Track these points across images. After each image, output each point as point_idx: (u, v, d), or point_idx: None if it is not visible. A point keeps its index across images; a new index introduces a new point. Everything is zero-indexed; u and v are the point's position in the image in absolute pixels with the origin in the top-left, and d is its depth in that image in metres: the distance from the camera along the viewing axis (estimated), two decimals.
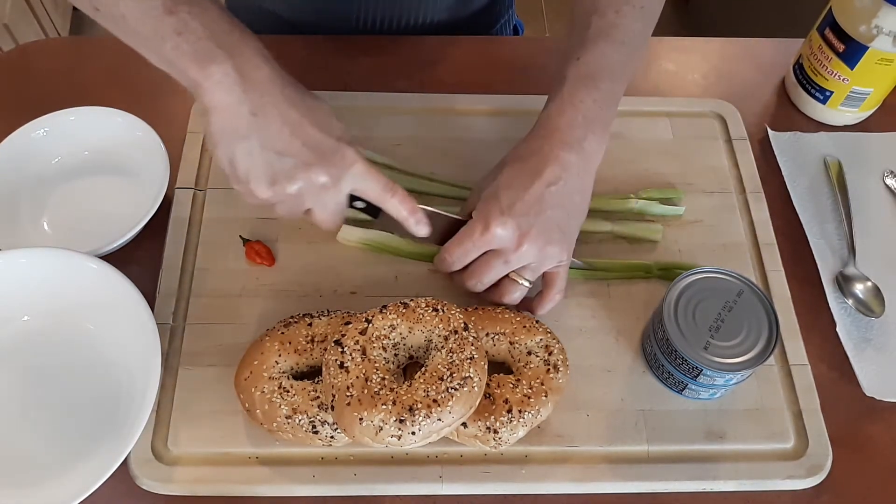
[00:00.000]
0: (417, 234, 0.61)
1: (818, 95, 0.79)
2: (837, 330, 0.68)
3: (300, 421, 0.56)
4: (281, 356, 0.59)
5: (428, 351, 0.58)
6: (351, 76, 0.81)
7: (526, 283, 0.62)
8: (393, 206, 0.59)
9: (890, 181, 0.77)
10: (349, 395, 0.53)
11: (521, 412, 0.56)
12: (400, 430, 0.52)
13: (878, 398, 0.64)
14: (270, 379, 0.58)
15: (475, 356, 0.56)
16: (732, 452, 0.61)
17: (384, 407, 0.52)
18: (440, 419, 0.53)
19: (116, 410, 0.59)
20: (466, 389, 0.54)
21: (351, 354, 0.55)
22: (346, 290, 0.67)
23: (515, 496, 0.59)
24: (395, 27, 0.88)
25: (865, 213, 0.75)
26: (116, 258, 0.63)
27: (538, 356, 0.60)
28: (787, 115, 0.82)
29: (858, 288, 0.69)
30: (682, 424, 0.62)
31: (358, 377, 0.54)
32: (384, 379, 0.54)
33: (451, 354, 0.55)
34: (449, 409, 0.53)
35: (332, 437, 0.56)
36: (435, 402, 0.53)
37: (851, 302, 0.69)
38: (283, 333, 0.60)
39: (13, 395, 0.60)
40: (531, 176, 0.59)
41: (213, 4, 0.51)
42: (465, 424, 0.56)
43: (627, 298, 0.68)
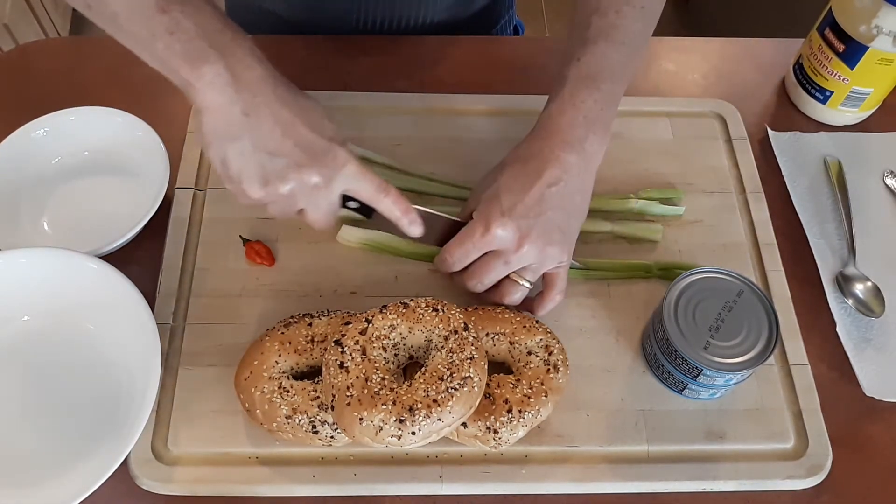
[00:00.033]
0: (411, 234, 0.61)
1: (818, 95, 0.79)
2: (837, 330, 0.68)
3: (300, 421, 0.56)
4: (281, 356, 0.59)
5: (428, 351, 0.57)
6: (351, 76, 0.81)
7: (526, 283, 0.62)
8: (386, 206, 0.59)
9: (890, 181, 0.77)
10: (349, 395, 0.53)
11: (521, 412, 0.56)
12: (400, 430, 0.52)
13: (878, 398, 0.64)
14: (270, 379, 0.58)
15: (475, 356, 0.56)
16: (732, 452, 0.61)
17: (384, 407, 0.52)
18: (440, 419, 0.53)
19: (116, 410, 0.59)
20: (466, 389, 0.54)
21: (351, 354, 0.55)
22: (346, 290, 0.67)
23: (515, 496, 0.59)
24: (394, 27, 0.88)
25: (865, 213, 0.75)
26: (116, 258, 0.63)
27: (538, 356, 0.60)
28: (787, 115, 0.82)
29: (858, 288, 0.69)
30: (682, 424, 0.62)
31: (358, 377, 0.54)
32: (384, 379, 0.54)
33: (451, 354, 0.55)
34: (449, 409, 0.53)
35: (332, 437, 0.56)
36: (435, 402, 0.53)
37: (851, 302, 0.69)
38: (283, 333, 0.60)
39: (13, 395, 0.61)
40: (532, 177, 0.59)
41: (205, 4, 0.51)
42: (465, 424, 0.56)
43: (627, 298, 0.68)
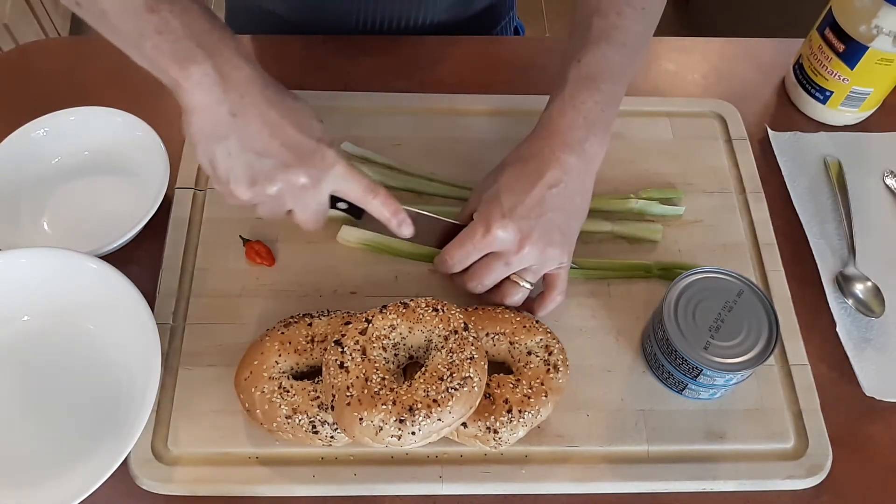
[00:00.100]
0: (401, 235, 0.61)
1: (818, 95, 0.79)
2: (837, 330, 0.68)
3: (300, 421, 0.56)
4: (281, 356, 0.59)
5: (428, 351, 0.57)
6: (351, 76, 0.81)
7: (527, 285, 0.62)
8: (375, 207, 0.59)
9: (890, 181, 0.77)
10: (349, 395, 0.53)
11: (521, 412, 0.56)
12: (400, 430, 0.52)
13: (878, 398, 0.64)
14: (270, 379, 0.58)
15: (475, 356, 0.56)
16: (732, 452, 0.61)
17: (384, 407, 0.52)
18: (440, 419, 0.53)
19: (116, 410, 0.59)
20: (466, 389, 0.54)
21: (351, 354, 0.55)
22: (346, 290, 0.67)
23: (515, 496, 0.59)
24: (394, 28, 0.88)
25: (865, 213, 0.75)
26: (116, 258, 0.63)
27: (538, 356, 0.60)
28: (787, 115, 0.82)
29: (858, 288, 0.69)
30: (682, 424, 0.62)
31: (358, 377, 0.54)
32: (384, 379, 0.54)
33: (451, 354, 0.55)
34: (449, 409, 0.53)
35: (332, 437, 0.56)
36: (435, 402, 0.53)
37: (851, 302, 0.68)
38: (283, 333, 0.60)
39: (13, 395, 0.60)
40: (532, 178, 0.59)
41: (194, 4, 0.51)
42: (465, 424, 0.56)
43: (627, 298, 0.68)
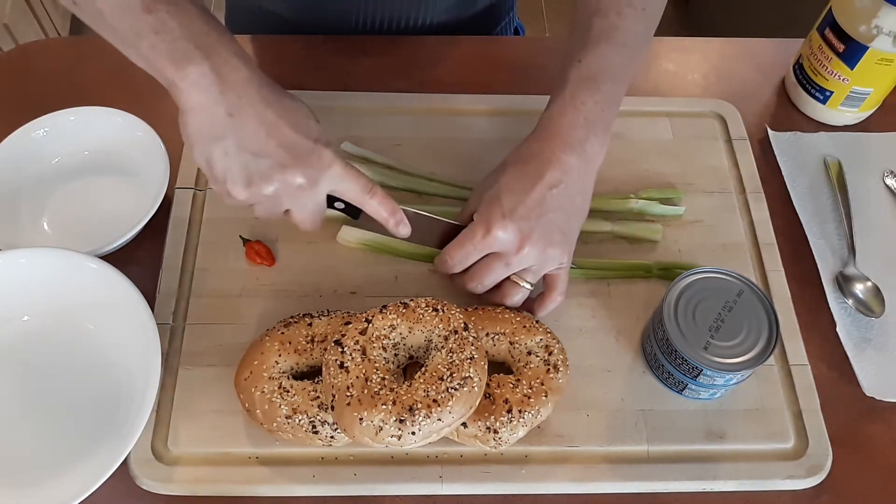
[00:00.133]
0: (398, 235, 0.61)
1: (818, 95, 0.79)
2: (837, 330, 0.68)
3: (300, 421, 0.56)
4: (281, 356, 0.59)
5: (428, 351, 0.57)
6: (351, 76, 0.81)
7: (527, 285, 0.62)
8: (372, 207, 0.59)
9: (890, 181, 0.77)
10: (349, 395, 0.53)
11: (521, 412, 0.56)
12: (400, 430, 0.52)
13: (878, 398, 0.64)
14: (270, 379, 0.58)
15: (475, 356, 0.56)
16: (732, 452, 0.61)
17: (384, 407, 0.52)
18: (440, 419, 0.53)
19: (116, 410, 0.59)
20: (466, 389, 0.54)
21: (351, 354, 0.55)
22: (346, 290, 0.67)
23: (515, 496, 0.59)
24: (394, 28, 0.88)
25: (865, 213, 0.75)
26: (116, 258, 0.63)
27: (538, 356, 0.60)
28: (787, 115, 0.82)
29: (858, 288, 0.69)
30: (682, 424, 0.62)
31: (358, 377, 0.54)
32: (384, 379, 0.54)
33: (451, 354, 0.55)
34: (449, 409, 0.53)
35: (332, 437, 0.56)
36: (435, 402, 0.53)
37: (851, 302, 0.68)
38: (283, 333, 0.60)
39: (13, 395, 0.60)
40: (533, 179, 0.59)
41: (191, 5, 0.51)
42: (465, 424, 0.56)
43: (627, 298, 0.68)
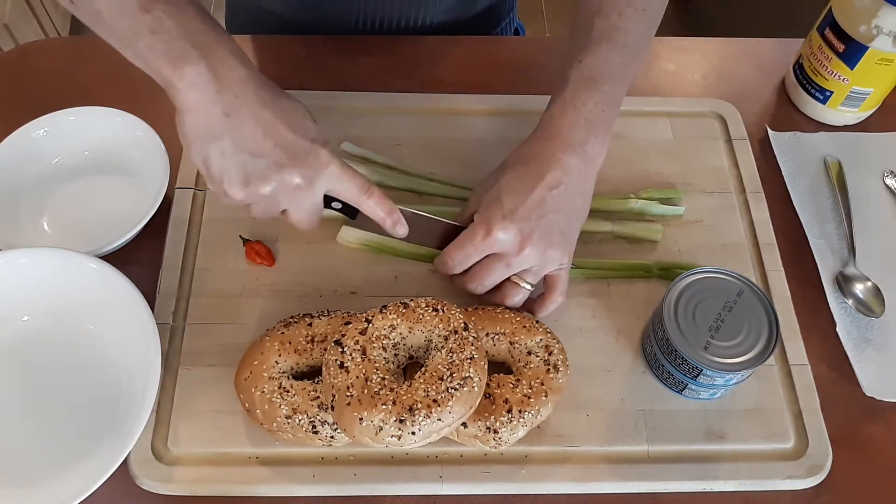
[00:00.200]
0: (396, 235, 0.61)
1: (818, 95, 0.79)
2: (837, 330, 0.68)
3: (300, 421, 0.56)
4: (281, 356, 0.59)
5: (428, 351, 0.57)
6: (351, 76, 0.81)
7: (528, 286, 0.62)
8: (369, 207, 0.59)
9: (890, 181, 0.77)
10: (349, 395, 0.53)
11: (521, 412, 0.56)
12: (400, 430, 0.52)
13: (878, 398, 0.64)
14: (270, 379, 0.58)
15: (475, 356, 0.56)
16: (732, 452, 0.61)
17: (384, 407, 0.52)
18: (440, 419, 0.53)
19: (116, 410, 0.59)
20: (466, 389, 0.54)
21: (351, 354, 0.55)
22: (346, 290, 0.67)
23: (515, 496, 0.59)
24: (394, 28, 0.88)
25: (865, 213, 0.75)
26: (116, 258, 0.63)
27: (538, 356, 0.60)
28: (787, 115, 0.82)
29: (858, 288, 0.69)
30: (682, 424, 0.62)
31: (358, 377, 0.54)
32: (384, 379, 0.54)
33: (451, 354, 0.55)
34: (449, 409, 0.53)
35: (332, 437, 0.56)
36: (435, 402, 0.53)
37: (851, 302, 0.68)
38: (283, 333, 0.60)
39: (13, 395, 0.60)
40: (533, 180, 0.59)
41: (188, 4, 0.51)
42: (465, 424, 0.56)
43: (627, 298, 0.68)
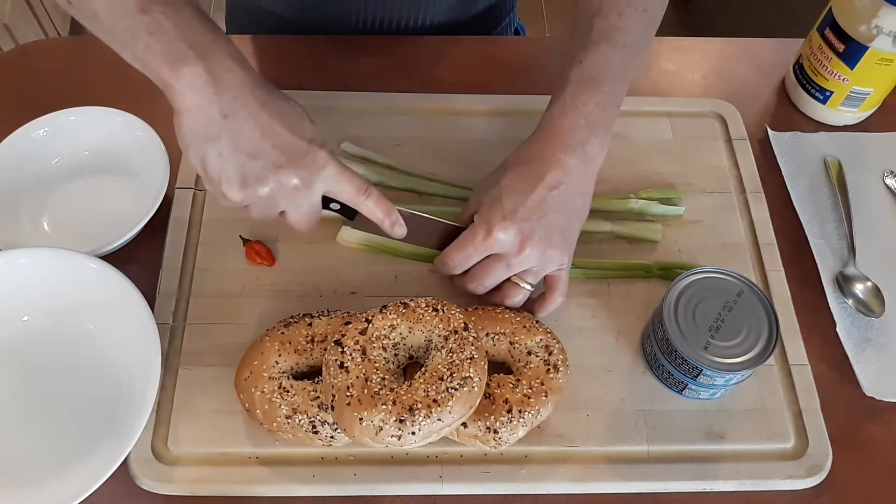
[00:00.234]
0: (394, 235, 0.61)
1: (818, 95, 0.79)
2: (837, 330, 0.68)
3: (300, 421, 0.56)
4: (281, 356, 0.59)
5: (428, 351, 0.57)
6: (351, 76, 0.81)
7: (528, 286, 0.62)
8: (367, 207, 0.59)
9: (890, 181, 0.77)
10: (349, 395, 0.53)
11: (521, 412, 0.56)
12: (400, 430, 0.52)
13: (878, 398, 0.64)
14: (270, 379, 0.58)
15: (475, 356, 0.56)
16: (732, 452, 0.61)
17: (384, 407, 0.52)
18: (440, 419, 0.53)
19: (116, 410, 0.59)
20: (466, 389, 0.54)
21: (351, 354, 0.55)
22: (346, 290, 0.67)
23: (515, 496, 0.59)
24: (394, 28, 0.88)
25: (865, 213, 0.75)
26: (116, 258, 0.63)
27: (538, 356, 0.60)
28: (787, 115, 0.82)
29: (858, 288, 0.69)
30: (682, 424, 0.62)
31: (358, 377, 0.54)
32: (384, 379, 0.54)
33: (451, 354, 0.55)
34: (449, 409, 0.53)
35: (332, 437, 0.56)
36: (435, 402, 0.53)
37: (851, 302, 0.68)
38: (283, 333, 0.60)
39: (13, 395, 0.60)
40: (533, 180, 0.59)
41: (186, 6, 0.51)
42: (465, 424, 0.56)
43: (627, 298, 0.68)
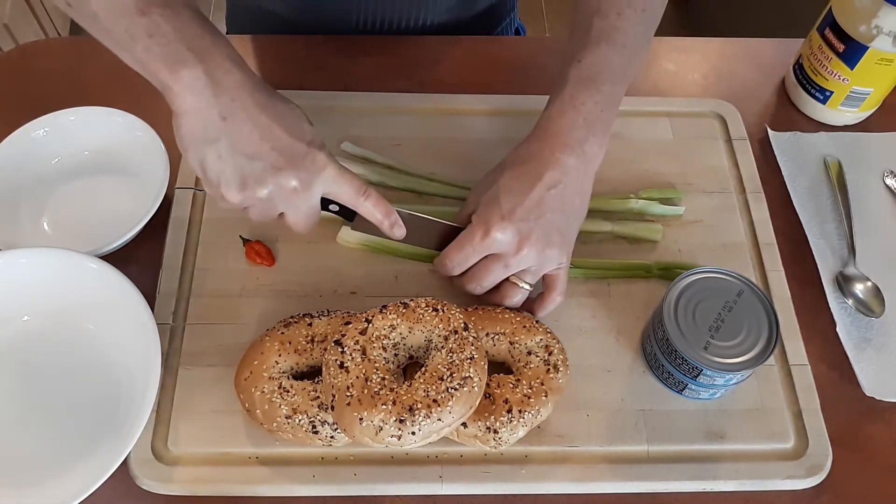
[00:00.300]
0: (393, 236, 0.61)
1: (818, 95, 0.79)
2: (837, 330, 0.68)
3: (300, 421, 0.56)
4: (281, 356, 0.59)
5: (428, 351, 0.57)
6: (351, 76, 0.81)
7: (526, 286, 0.62)
8: (367, 209, 0.59)
9: (890, 181, 0.77)
10: (349, 395, 0.53)
11: (521, 412, 0.56)
12: (400, 430, 0.52)
13: (878, 398, 0.64)
14: (270, 379, 0.58)
15: (475, 356, 0.56)
16: (732, 452, 0.61)
17: (384, 407, 0.52)
18: (440, 419, 0.53)
19: (116, 410, 0.59)
20: (466, 389, 0.54)
21: (351, 354, 0.55)
22: (346, 290, 0.67)
23: (515, 496, 0.59)
24: (394, 28, 0.88)
25: (865, 213, 0.75)
26: (116, 258, 0.63)
27: (538, 356, 0.60)
28: (787, 115, 0.82)
29: (858, 288, 0.69)
30: (682, 424, 0.62)
31: (358, 377, 0.54)
32: (384, 379, 0.54)
33: (451, 354, 0.55)
34: (449, 409, 0.53)
35: (332, 437, 0.56)
36: (435, 402, 0.53)
37: (851, 302, 0.68)
38: (283, 333, 0.60)
39: (13, 395, 0.60)
40: (531, 180, 0.59)
41: (185, 8, 0.51)
42: (465, 424, 0.56)
43: (627, 298, 0.68)
